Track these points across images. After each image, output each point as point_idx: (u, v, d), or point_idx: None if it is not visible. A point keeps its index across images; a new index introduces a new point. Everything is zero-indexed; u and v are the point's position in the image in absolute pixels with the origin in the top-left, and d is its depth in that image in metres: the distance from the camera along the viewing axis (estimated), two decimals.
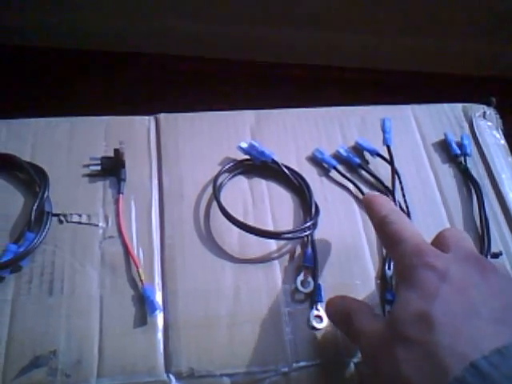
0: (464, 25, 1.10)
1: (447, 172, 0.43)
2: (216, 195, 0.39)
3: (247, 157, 0.42)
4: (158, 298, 0.36)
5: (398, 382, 0.25)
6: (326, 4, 1.10)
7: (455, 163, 0.44)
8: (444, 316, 0.25)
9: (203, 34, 1.17)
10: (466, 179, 0.43)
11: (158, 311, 0.35)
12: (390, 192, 0.42)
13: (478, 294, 0.26)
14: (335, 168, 0.42)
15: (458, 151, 0.44)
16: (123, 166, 0.41)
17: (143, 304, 0.35)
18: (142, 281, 0.36)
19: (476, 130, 0.46)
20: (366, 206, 0.35)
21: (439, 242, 0.31)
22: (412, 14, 1.10)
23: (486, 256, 0.39)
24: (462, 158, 0.44)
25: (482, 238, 0.40)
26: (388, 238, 0.32)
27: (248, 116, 0.45)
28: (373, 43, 1.16)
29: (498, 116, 0.48)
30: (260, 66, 1.19)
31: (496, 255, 0.40)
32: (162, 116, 0.44)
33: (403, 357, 0.25)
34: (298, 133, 0.45)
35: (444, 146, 0.45)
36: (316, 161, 0.43)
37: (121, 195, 0.39)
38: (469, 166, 0.43)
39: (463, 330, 0.25)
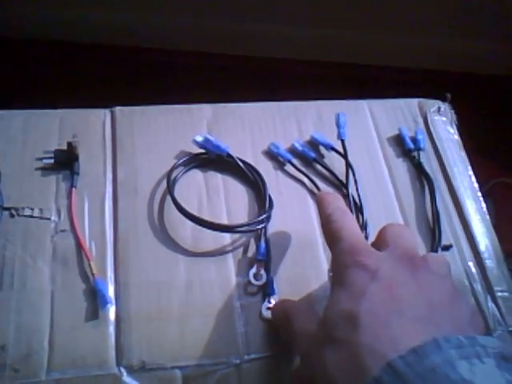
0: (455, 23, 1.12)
1: (401, 166, 0.44)
2: (170, 189, 0.39)
3: (202, 150, 0.42)
4: (110, 291, 0.36)
5: (325, 383, 0.25)
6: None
7: (409, 157, 0.45)
8: (368, 315, 0.25)
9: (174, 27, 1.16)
10: (420, 173, 0.44)
11: (109, 305, 0.35)
12: (343, 186, 0.42)
13: (405, 293, 0.26)
14: (290, 162, 0.43)
15: (412, 146, 0.45)
16: (76, 159, 0.40)
17: (95, 298, 0.35)
18: (93, 274, 0.36)
19: (430, 124, 0.47)
20: (317, 203, 0.35)
21: (379, 238, 0.32)
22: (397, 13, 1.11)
23: (437, 249, 0.41)
24: (416, 153, 0.44)
25: (433, 231, 0.41)
26: (328, 236, 0.32)
27: (205, 110, 0.45)
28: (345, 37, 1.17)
29: (452, 111, 0.49)
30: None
31: (447, 247, 0.41)
32: (117, 109, 0.44)
33: (330, 357, 0.25)
34: (254, 127, 0.45)
35: (398, 141, 0.45)
36: (271, 155, 0.43)
37: (74, 189, 0.39)
38: (422, 160, 0.44)
39: (385, 329, 0.25)
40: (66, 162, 0.40)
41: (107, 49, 1.18)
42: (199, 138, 0.42)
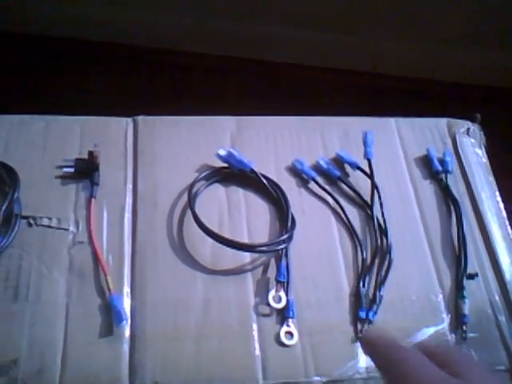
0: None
1: (427, 188, 0.43)
2: (191, 204, 0.38)
3: (225, 165, 0.41)
4: (126, 307, 0.35)
5: None
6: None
7: (436, 180, 0.43)
8: None
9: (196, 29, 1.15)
10: (446, 197, 0.43)
11: (124, 321, 0.34)
12: (368, 206, 0.41)
13: None
14: (314, 180, 0.42)
15: (440, 168, 0.43)
16: (97, 169, 0.39)
17: (110, 313, 0.35)
18: (110, 289, 0.35)
19: (459, 146, 0.45)
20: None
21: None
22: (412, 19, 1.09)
23: (462, 277, 0.39)
24: (444, 175, 0.43)
25: (459, 257, 0.40)
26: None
27: (228, 122, 0.44)
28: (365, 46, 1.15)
29: (481, 133, 0.47)
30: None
31: (472, 276, 0.40)
32: (140, 118, 0.43)
33: None
34: (278, 142, 0.44)
35: (426, 162, 0.44)
36: (295, 171, 0.42)
37: (93, 199, 0.38)
38: (449, 183, 0.43)
39: None
40: (86, 171, 0.39)
41: (119, 47, 1.17)
42: (222, 152, 0.41)
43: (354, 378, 0.34)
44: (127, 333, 0.34)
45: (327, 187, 0.42)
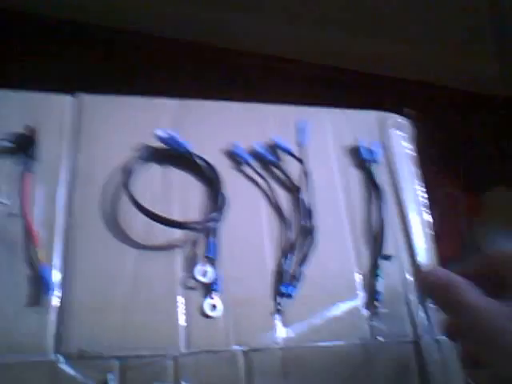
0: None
1: (354, 176, 0.46)
2: (125, 181, 0.39)
3: (162, 145, 0.42)
4: (56, 279, 0.36)
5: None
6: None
7: (363, 168, 0.46)
8: None
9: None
10: (370, 184, 0.45)
11: (52, 292, 0.35)
12: (297, 190, 0.43)
13: None
14: (248, 163, 0.44)
15: (367, 157, 0.46)
16: (34, 143, 0.40)
17: (39, 284, 0.36)
18: (39, 261, 0.36)
19: (387, 138, 0.48)
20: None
21: None
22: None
23: (378, 257, 0.42)
24: (370, 164, 0.46)
25: (377, 240, 0.43)
26: None
27: (171, 104, 0.45)
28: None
29: (411, 127, 0.50)
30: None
31: (387, 257, 0.43)
32: (81, 96, 0.44)
33: None
34: (217, 125, 0.45)
35: (355, 151, 0.47)
36: (231, 154, 0.44)
37: (28, 173, 0.39)
38: (375, 172, 0.46)
39: None
40: (23, 145, 0.40)
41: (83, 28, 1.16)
42: (160, 133, 0.42)
43: (271, 348, 0.37)
44: (55, 303, 0.35)
45: (260, 171, 0.44)
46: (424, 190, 0.47)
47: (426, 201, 0.47)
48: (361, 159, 0.46)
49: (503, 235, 1.05)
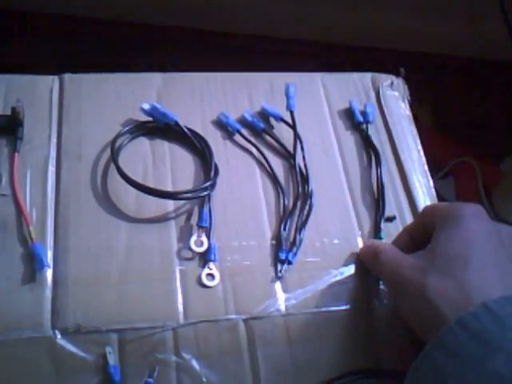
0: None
1: (350, 138, 0.45)
2: (113, 155, 0.39)
3: (150, 119, 0.42)
4: (49, 256, 0.36)
5: (420, 302, 0.31)
6: None
7: (358, 130, 0.45)
8: (479, 261, 0.31)
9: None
10: (368, 146, 0.44)
11: (46, 268, 0.35)
12: (291, 156, 0.42)
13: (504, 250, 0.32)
14: (239, 132, 0.43)
15: (361, 119, 0.45)
16: (20, 124, 0.40)
17: (32, 262, 0.35)
18: (32, 238, 0.36)
19: (382, 99, 0.47)
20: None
21: None
22: None
23: (380, 219, 0.41)
24: (365, 126, 0.45)
25: (378, 202, 0.42)
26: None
27: (155, 78, 0.45)
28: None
29: (405, 86, 0.49)
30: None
31: (390, 219, 0.42)
32: (66, 76, 0.43)
33: (435, 284, 0.30)
34: (205, 96, 0.45)
35: (349, 114, 0.46)
36: (221, 124, 0.43)
37: (16, 154, 0.39)
38: (370, 133, 0.45)
39: (490, 276, 0.30)
40: (9, 126, 0.40)
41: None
42: (146, 106, 0.41)
43: (272, 316, 0.36)
44: (49, 279, 0.35)
45: (252, 139, 0.43)
46: (421, 148, 0.46)
47: (425, 161, 0.45)
48: (355, 121, 0.45)
49: None
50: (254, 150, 0.42)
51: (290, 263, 0.38)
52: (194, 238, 0.37)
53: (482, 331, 0.27)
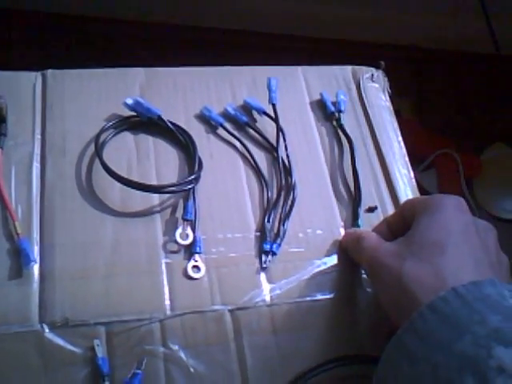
0: None
1: (329, 130, 0.45)
2: (98, 151, 0.39)
3: (133, 113, 0.42)
4: (35, 251, 0.36)
5: (396, 289, 0.32)
6: None
7: (332, 121, 0.46)
8: (454, 248, 0.32)
9: None
10: (342, 136, 0.45)
11: (33, 263, 0.35)
12: (274, 149, 0.43)
13: (477, 238, 0.33)
14: (222, 125, 0.43)
15: (333, 109, 0.45)
16: (4, 120, 0.40)
17: (19, 257, 0.35)
18: (18, 234, 0.36)
19: (363, 91, 0.48)
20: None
21: None
22: None
23: (357, 207, 0.42)
24: (337, 115, 0.45)
25: (354, 192, 0.42)
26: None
27: (138, 73, 0.45)
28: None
29: (386, 79, 0.50)
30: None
31: (372, 209, 0.42)
32: (49, 72, 0.43)
33: (411, 269, 0.31)
34: (187, 91, 0.45)
35: (323, 106, 0.46)
36: (204, 118, 0.44)
37: (0, 150, 0.39)
38: (343, 122, 0.45)
39: (465, 263, 0.31)
40: None
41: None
42: (129, 101, 0.42)
43: (257, 306, 0.37)
44: (36, 274, 0.35)
45: (235, 132, 0.43)
46: (402, 140, 0.47)
47: (405, 152, 0.46)
48: (327, 112, 0.46)
49: (503, 194, 1.05)
50: (237, 143, 0.43)
51: (274, 254, 0.39)
52: (179, 230, 0.38)
53: (451, 315, 0.28)
